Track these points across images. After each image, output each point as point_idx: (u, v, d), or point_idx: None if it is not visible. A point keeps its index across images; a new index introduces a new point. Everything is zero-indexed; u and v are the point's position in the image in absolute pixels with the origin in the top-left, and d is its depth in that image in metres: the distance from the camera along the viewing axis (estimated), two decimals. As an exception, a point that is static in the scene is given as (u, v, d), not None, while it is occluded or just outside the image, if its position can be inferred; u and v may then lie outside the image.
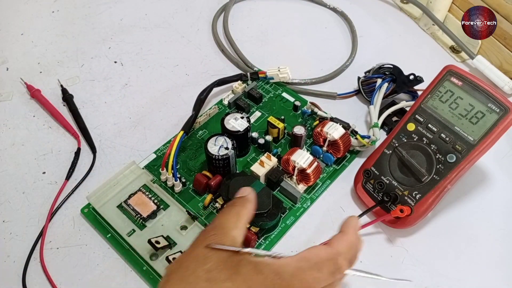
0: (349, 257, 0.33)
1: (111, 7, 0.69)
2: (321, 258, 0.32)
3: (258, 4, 0.70)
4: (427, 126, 0.43)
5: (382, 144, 0.45)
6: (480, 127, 0.41)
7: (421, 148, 0.43)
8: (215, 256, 0.30)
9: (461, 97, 0.42)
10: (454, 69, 0.42)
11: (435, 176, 0.42)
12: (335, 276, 0.32)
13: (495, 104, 0.41)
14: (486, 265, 0.44)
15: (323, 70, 0.61)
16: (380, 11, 0.70)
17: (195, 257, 0.30)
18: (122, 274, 0.43)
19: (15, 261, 0.43)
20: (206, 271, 0.29)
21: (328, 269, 0.31)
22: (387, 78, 0.54)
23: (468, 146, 0.41)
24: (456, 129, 0.42)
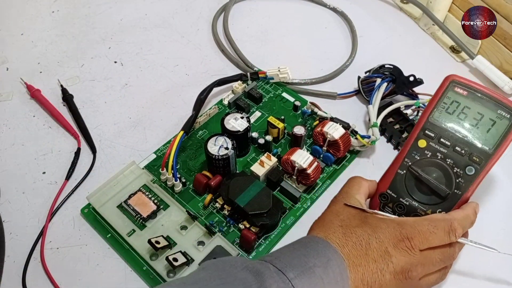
0: (463, 225, 0.38)
1: (111, 7, 0.69)
2: (437, 218, 0.38)
3: (258, 4, 0.70)
4: (439, 140, 0.41)
5: (393, 164, 0.43)
6: (494, 135, 0.40)
7: (436, 164, 0.41)
8: (346, 211, 0.39)
9: (468, 107, 0.40)
10: (456, 78, 0.41)
11: (456, 190, 0.40)
12: (450, 236, 0.37)
13: (504, 110, 0.39)
14: (486, 265, 0.44)
15: (323, 70, 0.61)
16: (380, 11, 0.70)
17: (331, 212, 0.39)
18: (122, 274, 0.43)
19: (15, 261, 0.43)
20: (340, 220, 0.38)
21: (443, 227, 0.37)
22: (386, 78, 0.54)
23: (485, 155, 0.40)
24: (469, 140, 0.40)
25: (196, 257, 0.42)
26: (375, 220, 0.37)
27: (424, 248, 0.36)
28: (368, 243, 0.36)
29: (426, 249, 0.36)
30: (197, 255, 0.42)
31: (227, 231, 0.45)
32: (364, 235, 0.36)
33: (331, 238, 0.36)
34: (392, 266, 0.35)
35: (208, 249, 0.42)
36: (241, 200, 0.43)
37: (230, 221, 0.45)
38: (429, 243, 0.36)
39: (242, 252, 0.43)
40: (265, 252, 0.44)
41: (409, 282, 0.36)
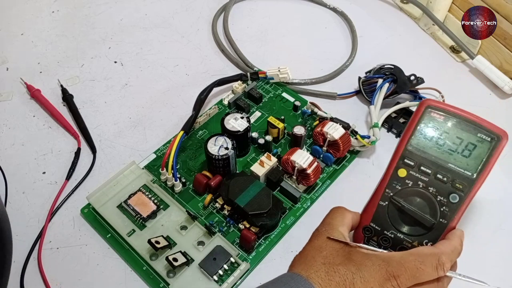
0: (451, 258, 0.36)
1: (111, 7, 0.69)
2: (425, 253, 0.35)
3: (258, 4, 0.70)
4: (420, 168, 0.39)
5: (375, 195, 0.41)
6: (475, 159, 0.38)
7: (419, 193, 0.39)
8: (329, 246, 0.36)
9: (446, 132, 0.39)
10: (432, 103, 0.39)
11: (441, 219, 0.39)
12: (438, 271, 0.35)
13: (484, 133, 0.38)
14: (486, 265, 0.44)
15: (323, 70, 0.61)
16: (380, 11, 0.70)
17: (313, 247, 0.36)
18: (122, 274, 0.43)
19: (15, 261, 0.43)
20: (323, 257, 0.35)
21: (430, 263, 0.35)
22: (388, 79, 0.54)
23: (468, 182, 0.38)
24: (451, 166, 0.39)
25: (196, 257, 0.42)
26: (360, 256, 0.35)
27: (411, 286, 0.34)
28: (352, 283, 0.34)
29: (414, 286, 0.34)
30: (197, 255, 0.42)
31: (227, 231, 0.45)
32: (348, 274, 0.34)
33: (313, 278, 0.34)
34: None
35: (208, 249, 0.42)
36: (241, 200, 0.43)
37: (230, 221, 0.45)
38: (417, 279, 0.34)
39: (242, 252, 0.43)
40: (265, 252, 0.44)
41: None
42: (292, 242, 0.45)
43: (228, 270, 0.42)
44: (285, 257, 0.44)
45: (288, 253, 0.44)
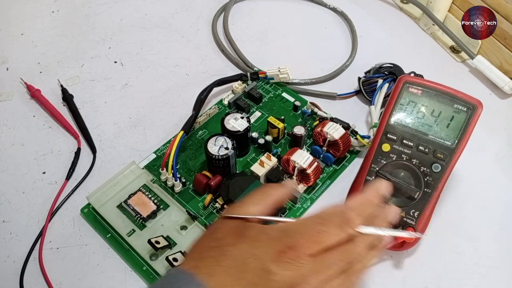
0: (361, 213, 0.31)
1: (111, 7, 0.69)
2: (327, 213, 0.31)
3: (258, 4, 0.70)
4: (402, 142, 0.42)
5: (361, 172, 0.43)
6: (454, 129, 0.41)
7: (403, 165, 0.41)
8: (224, 226, 0.31)
9: (424, 105, 0.41)
10: (409, 79, 0.41)
11: (426, 189, 0.41)
12: (344, 229, 0.30)
13: (460, 104, 0.40)
14: (486, 264, 0.44)
15: (323, 70, 0.61)
16: (380, 11, 0.70)
17: (208, 231, 0.32)
18: (122, 274, 0.43)
19: (15, 261, 0.43)
20: (215, 239, 0.30)
21: (334, 222, 0.30)
22: (388, 78, 0.54)
23: (449, 151, 0.41)
24: (431, 137, 0.41)
25: (196, 257, 0.42)
26: (255, 231, 0.30)
27: (316, 252, 0.29)
28: (244, 264, 0.28)
29: (319, 252, 0.29)
30: (197, 255, 0.42)
31: (227, 231, 0.45)
32: (240, 254, 0.29)
33: (199, 267, 0.29)
34: (277, 285, 0.28)
35: (208, 249, 0.42)
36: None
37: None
38: (320, 244, 0.29)
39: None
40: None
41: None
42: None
43: (228, 270, 0.41)
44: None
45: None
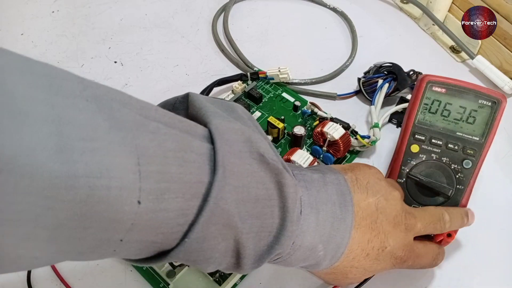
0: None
1: (111, 7, 0.69)
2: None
3: (258, 4, 0.70)
4: (431, 141, 0.42)
5: (391, 175, 0.43)
6: (480, 125, 0.41)
7: (434, 165, 0.41)
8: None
9: (449, 103, 0.41)
10: (432, 78, 0.42)
11: (458, 186, 0.41)
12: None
13: (484, 99, 0.41)
14: (486, 265, 0.44)
15: (323, 70, 0.61)
16: (380, 11, 0.70)
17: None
18: (122, 274, 0.43)
19: (15, 261, 0.43)
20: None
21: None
22: (388, 78, 0.54)
23: (478, 146, 0.41)
24: (459, 134, 0.41)
25: (196, 257, 0.42)
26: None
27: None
28: (380, 191, 0.36)
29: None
30: (197, 255, 0.42)
31: (227, 231, 0.45)
32: (381, 190, 0.36)
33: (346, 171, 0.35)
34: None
35: (208, 249, 0.42)
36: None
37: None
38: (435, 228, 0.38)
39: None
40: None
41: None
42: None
43: (228, 270, 0.42)
44: (285, 257, 0.44)
45: (288, 253, 0.44)
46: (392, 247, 0.35)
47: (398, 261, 0.36)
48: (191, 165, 0.25)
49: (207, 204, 0.25)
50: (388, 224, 0.35)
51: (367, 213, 0.34)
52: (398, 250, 0.35)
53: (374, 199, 0.34)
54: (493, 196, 0.49)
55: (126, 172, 0.21)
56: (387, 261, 0.36)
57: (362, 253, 0.34)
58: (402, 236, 0.35)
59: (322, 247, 0.32)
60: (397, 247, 0.35)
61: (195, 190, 0.25)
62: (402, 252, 0.36)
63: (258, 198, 0.28)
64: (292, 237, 0.30)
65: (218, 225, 0.26)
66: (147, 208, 0.23)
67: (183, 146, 0.25)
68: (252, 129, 0.29)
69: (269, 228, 0.28)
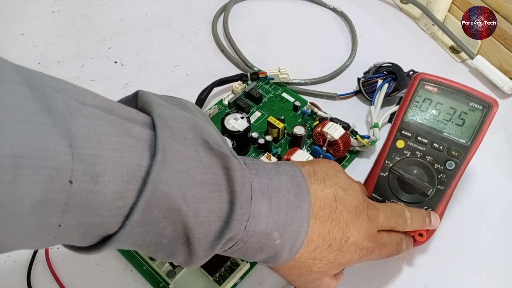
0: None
1: (111, 7, 0.69)
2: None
3: (258, 4, 0.70)
4: (417, 139, 0.41)
5: (375, 167, 0.43)
6: (468, 128, 0.41)
7: (417, 162, 0.41)
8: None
9: (440, 103, 0.41)
10: (425, 76, 0.42)
11: (439, 186, 0.41)
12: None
13: (476, 102, 0.40)
14: (486, 265, 0.44)
15: (323, 70, 0.61)
16: (380, 11, 0.70)
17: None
18: (122, 274, 0.43)
19: (15, 261, 0.43)
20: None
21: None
22: (387, 78, 0.54)
23: (463, 149, 0.41)
24: (445, 135, 0.41)
25: (196, 257, 0.42)
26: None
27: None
28: (337, 183, 0.36)
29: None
30: (197, 255, 0.42)
31: (227, 231, 0.45)
32: (339, 182, 0.36)
33: (303, 165, 0.36)
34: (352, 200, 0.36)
35: (208, 249, 0.42)
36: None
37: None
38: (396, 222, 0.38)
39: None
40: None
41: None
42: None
43: (228, 270, 0.42)
44: (285, 257, 0.44)
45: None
46: (355, 237, 0.35)
47: (365, 252, 0.35)
48: (129, 148, 0.24)
49: (146, 186, 0.25)
50: (349, 214, 0.35)
51: (325, 203, 0.34)
52: (363, 241, 0.35)
53: (332, 189, 0.35)
54: (493, 196, 0.49)
55: (57, 153, 0.21)
56: (353, 252, 0.35)
57: (324, 244, 0.34)
58: (365, 227, 0.35)
59: (278, 234, 0.32)
60: (361, 237, 0.35)
61: (134, 174, 0.25)
62: (367, 243, 0.35)
63: (204, 183, 0.27)
64: (243, 221, 0.30)
65: (160, 208, 0.26)
66: (81, 189, 0.22)
67: (120, 131, 0.24)
68: (199, 117, 0.29)
69: (218, 213, 0.29)
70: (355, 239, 0.35)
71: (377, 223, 0.36)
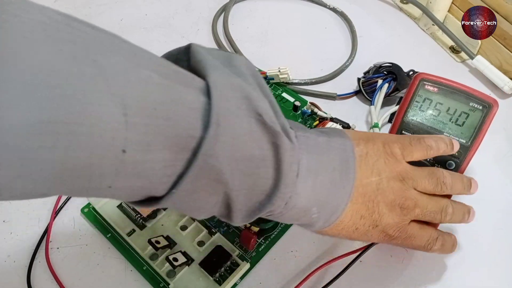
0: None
1: (111, 7, 0.69)
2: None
3: (258, 4, 0.70)
4: None
5: None
6: (469, 128, 0.41)
7: (416, 162, 0.40)
8: None
9: (440, 103, 0.41)
10: (426, 76, 0.41)
11: None
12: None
13: (476, 102, 0.40)
14: (486, 265, 0.44)
15: (323, 70, 0.61)
16: (380, 11, 0.70)
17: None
18: (122, 274, 0.43)
19: (15, 261, 0.43)
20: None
21: None
22: (387, 78, 0.54)
23: (464, 149, 0.41)
24: (446, 135, 0.41)
25: (196, 257, 0.42)
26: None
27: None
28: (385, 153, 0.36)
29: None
30: (197, 255, 0.42)
31: (227, 231, 0.45)
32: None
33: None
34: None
35: (208, 249, 0.42)
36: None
37: (230, 221, 0.45)
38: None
39: (242, 252, 0.43)
40: (265, 252, 0.44)
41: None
42: (292, 241, 0.45)
43: (228, 270, 0.42)
44: (285, 256, 0.44)
45: (288, 253, 0.44)
46: (383, 226, 0.35)
47: (387, 238, 0.36)
48: (182, 119, 0.24)
49: (196, 159, 0.25)
50: (385, 206, 0.35)
51: (367, 190, 0.34)
52: (390, 229, 0.36)
53: (377, 178, 0.34)
54: (493, 197, 0.49)
55: (111, 121, 0.22)
56: (375, 236, 0.36)
57: (352, 227, 0.34)
58: (397, 219, 0.36)
59: (317, 210, 0.32)
60: (389, 227, 0.35)
61: (185, 144, 0.25)
62: (393, 232, 0.36)
63: (252, 158, 0.27)
64: (285, 198, 0.30)
65: (208, 179, 0.26)
66: (133, 157, 0.23)
67: (175, 99, 0.24)
68: (253, 86, 0.28)
69: (262, 188, 0.29)
70: (383, 227, 0.35)
71: (411, 216, 0.36)
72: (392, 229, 0.36)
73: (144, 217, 0.44)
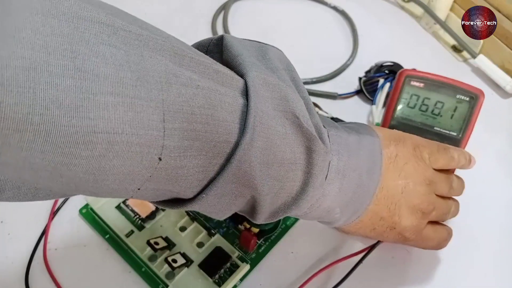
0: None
1: (111, 7, 0.69)
2: None
3: (258, 2, 0.70)
4: None
5: None
6: (458, 120, 0.41)
7: None
8: None
9: (427, 98, 0.41)
10: (410, 73, 0.41)
11: None
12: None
13: (462, 94, 0.41)
14: (486, 264, 0.44)
15: (324, 69, 0.61)
16: (381, 10, 0.70)
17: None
18: (121, 275, 0.42)
19: (13, 262, 0.43)
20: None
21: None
22: (389, 78, 0.54)
23: (455, 141, 0.41)
24: (436, 129, 0.41)
25: (195, 258, 0.42)
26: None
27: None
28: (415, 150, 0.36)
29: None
30: (197, 256, 0.42)
31: (227, 232, 0.45)
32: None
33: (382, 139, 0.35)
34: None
35: (208, 250, 0.42)
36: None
37: (230, 222, 0.45)
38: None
39: (242, 253, 0.43)
40: (265, 253, 0.43)
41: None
42: (292, 243, 0.45)
43: (228, 272, 0.41)
44: (285, 258, 0.44)
45: (289, 254, 0.44)
46: (402, 229, 0.35)
47: (402, 239, 0.36)
48: (219, 124, 0.24)
49: (229, 165, 0.24)
50: (407, 210, 0.35)
51: (391, 193, 0.34)
52: (407, 232, 0.36)
53: (403, 182, 0.34)
54: (493, 196, 0.49)
55: (150, 128, 0.21)
56: (391, 237, 0.36)
57: (370, 227, 0.35)
58: (415, 223, 0.36)
59: (340, 210, 0.32)
60: (407, 229, 0.35)
61: (220, 149, 0.24)
62: (409, 234, 0.36)
63: (283, 162, 0.27)
64: (312, 201, 0.30)
65: (238, 184, 0.26)
66: (168, 164, 0.22)
67: (214, 102, 0.24)
68: (288, 83, 0.28)
69: (289, 191, 0.29)
70: (400, 230, 0.35)
71: (428, 219, 0.36)
72: (409, 232, 0.36)
73: (142, 218, 0.44)
